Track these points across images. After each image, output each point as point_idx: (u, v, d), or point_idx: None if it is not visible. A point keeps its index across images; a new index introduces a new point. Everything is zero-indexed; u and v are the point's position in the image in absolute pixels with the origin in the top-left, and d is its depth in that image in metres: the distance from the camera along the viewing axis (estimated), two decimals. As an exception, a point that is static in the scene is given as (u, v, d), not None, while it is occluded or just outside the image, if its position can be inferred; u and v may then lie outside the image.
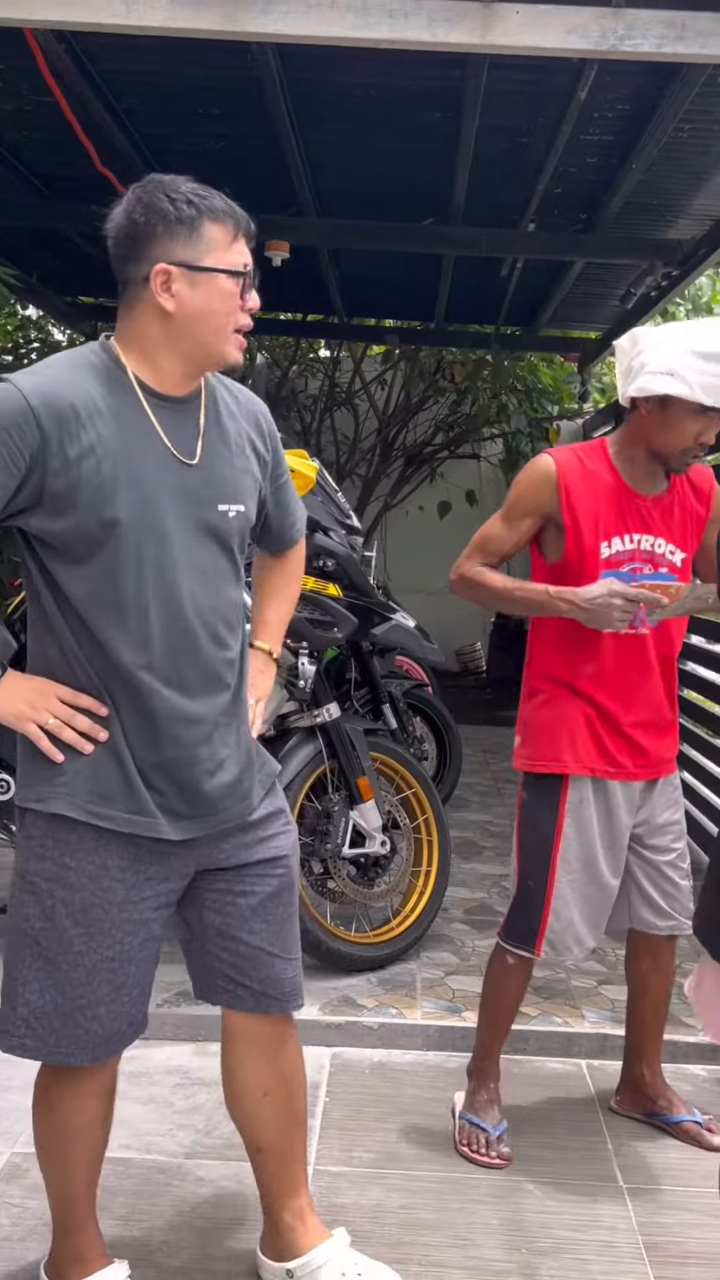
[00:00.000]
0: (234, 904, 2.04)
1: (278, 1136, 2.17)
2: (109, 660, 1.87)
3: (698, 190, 5.12)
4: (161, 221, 1.81)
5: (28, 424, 1.76)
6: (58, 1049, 1.93)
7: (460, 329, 8.61)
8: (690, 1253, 2.37)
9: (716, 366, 2.40)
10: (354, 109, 4.45)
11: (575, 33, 3.25)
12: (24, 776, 1.93)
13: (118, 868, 1.90)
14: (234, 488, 1.97)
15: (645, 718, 2.64)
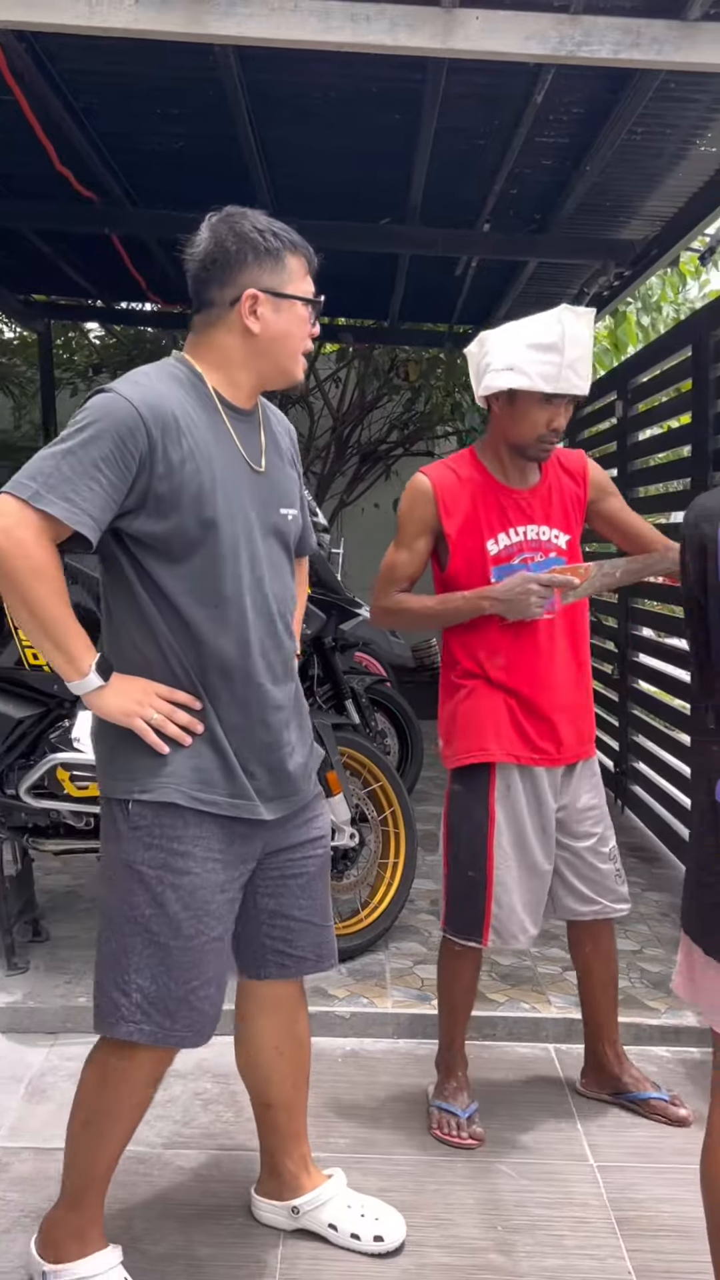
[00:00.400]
0: (285, 886, 2.19)
1: (289, 1091, 2.33)
2: (207, 653, 2.01)
3: (650, 192, 5.22)
4: (252, 251, 2.01)
5: (138, 430, 1.90)
6: (173, 1031, 2.03)
7: (414, 328, 8.67)
8: (662, 1225, 2.44)
9: (552, 355, 2.55)
10: (313, 110, 4.49)
11: (534, 38, 3.31)
12: (122, 771, 2.02)
13: (219, 850, 2.03)
14: (289, 494, 2.16)
15: (562, 701, 2.72)
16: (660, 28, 3.30)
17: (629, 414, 5.48)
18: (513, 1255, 2.34)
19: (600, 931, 2.89)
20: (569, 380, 2.59)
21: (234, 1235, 2.28)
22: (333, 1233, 2.35)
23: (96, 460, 1.89)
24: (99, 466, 1.89)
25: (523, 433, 2.66)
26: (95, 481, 1.89)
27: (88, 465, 1.88)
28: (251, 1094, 2.38)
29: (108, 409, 1.92)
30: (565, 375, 2.58)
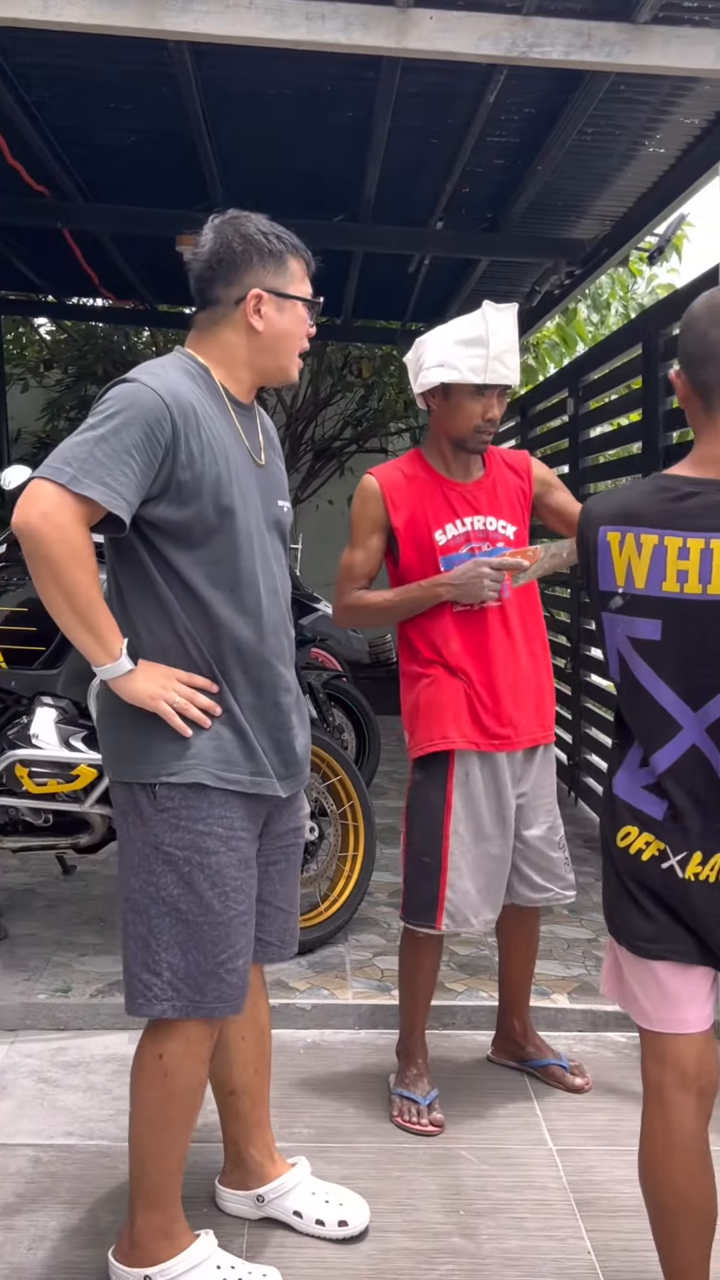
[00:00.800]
0: (266, 872, 2.24)
1: (251, 1077, 2.36)
2: (224, 635, 2.06)
3: (600, 192, 5.29)
4: (258, 252, 2.08)
5: (165, 419, 1.96)
6: (204, 1004, 2.06)
7: (368, 325, 8.71)
8: (620, 1206, 2.49)
9: (478, 349, 2.69)
10: (267, 106, 4.50)
11: (487, 39, 3.35)
12: (144, 755, 2.04)
13: (242, 828, 2.09)
14: (284, 487, 2.24)
15: (518, 684, 2.79)
16: (611, 30, 3.35)
17: (580, 411, 5.55)
18: (475, 1238, 2.38)
19: (528, 912, 2.97)
20: (496, 371, 2.72)
21: (199, 1226, 2.29)
22: (298, 1220, 2.37)
23: (129, 446, 1.93)
24: (131, 453, 1.93)
25: (459, 425, 2.77)
26: (128, 467, 1.93)
27: (120, 451, 1.92)
28: (214, 1082, 2.39)
29: (134, 397, 1.97)
30: (493, 366, 2.71)
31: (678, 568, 1.76)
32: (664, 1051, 1.90)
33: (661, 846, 1.85)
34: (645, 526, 1.80)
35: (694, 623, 1.77)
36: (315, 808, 3.76)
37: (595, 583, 1.88)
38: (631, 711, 1.89)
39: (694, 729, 1.80)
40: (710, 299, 1.83)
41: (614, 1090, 3.01)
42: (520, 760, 2.83)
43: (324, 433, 9.91)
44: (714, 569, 1.73)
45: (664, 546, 1.77)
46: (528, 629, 2.85)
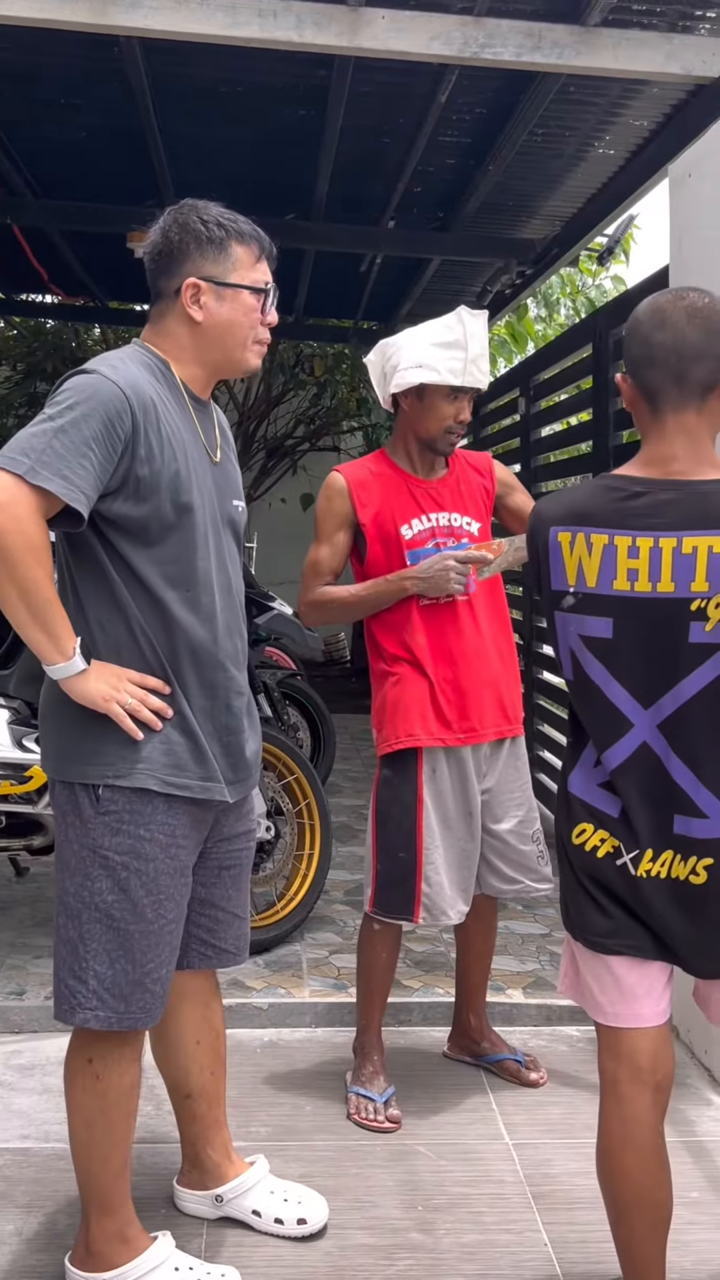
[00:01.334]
0: (219, 876, 2.22)
1: (208, 1080, 2.34)
2: (179, 635, 2.02)
3: (551, 192, 5.33)
4: (193, 240, 2.03)
5: (125, 412, 1.92)
6: (128, 1014, 2.03)
7: (320, 323, 8.71)
8: (576, 1199, 2.51)
9: (457, 352, 2.73)
10: (218, 103, 4.49)
11: (439, 39, 3.38)
12: (90, 755, 2.00)
13: (183, 835, 2.05)
14: (238, 485, 2.20)
15: (483, 676, 2.82)
16: (561, 32, 3.39)
17: (531, 410, 5.59)
18: (433, 1233, 2.39)
19: (484, 906, 3.00)
20: (473, 375, 2.76)
21: (157, 1227, 2.28)
22: (256, 1219, 2.37)
23: (88, 439, 1.89)
24: (90, 445, 1.89)
25: (430, 426, 2.80)
26: (87, 460, 1.88)
27: (79, 444, 1.88)
28: (170, 1086, 2.39)
29: (94, 390, 1.92)
30: (470, 370, 2.75)
31: (628, 566, 1.79)
32: (620, 1046, 1.92)
33: (616, 844, 1.86)
34: (595, 526, 1.82)
35: (644, 620, 1.80)
36: (271, 806, 3.76)
37: (547, 582, 1.89)
38: (584, 710, 1.91)
39: (645, 726, 1.82)
40: (653, 304, 1.86)
41: (569, 1084, 3.03)
42: (486, 754, 2.86)
43: (276, 431, 9.90)
44: (663, 567, 1.76)
45: (614, 546, 1.80)
46: (493, 623, 2.88)
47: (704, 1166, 2.64)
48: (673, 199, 3.20)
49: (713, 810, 1.80)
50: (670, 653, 1.79)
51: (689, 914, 1.84)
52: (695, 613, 1.76)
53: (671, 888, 1.84)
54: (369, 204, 5.64)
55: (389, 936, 2.88)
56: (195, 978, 2.30)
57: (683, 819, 1.81)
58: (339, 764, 6.08)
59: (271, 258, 2.14)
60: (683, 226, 3.13)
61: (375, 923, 2.87)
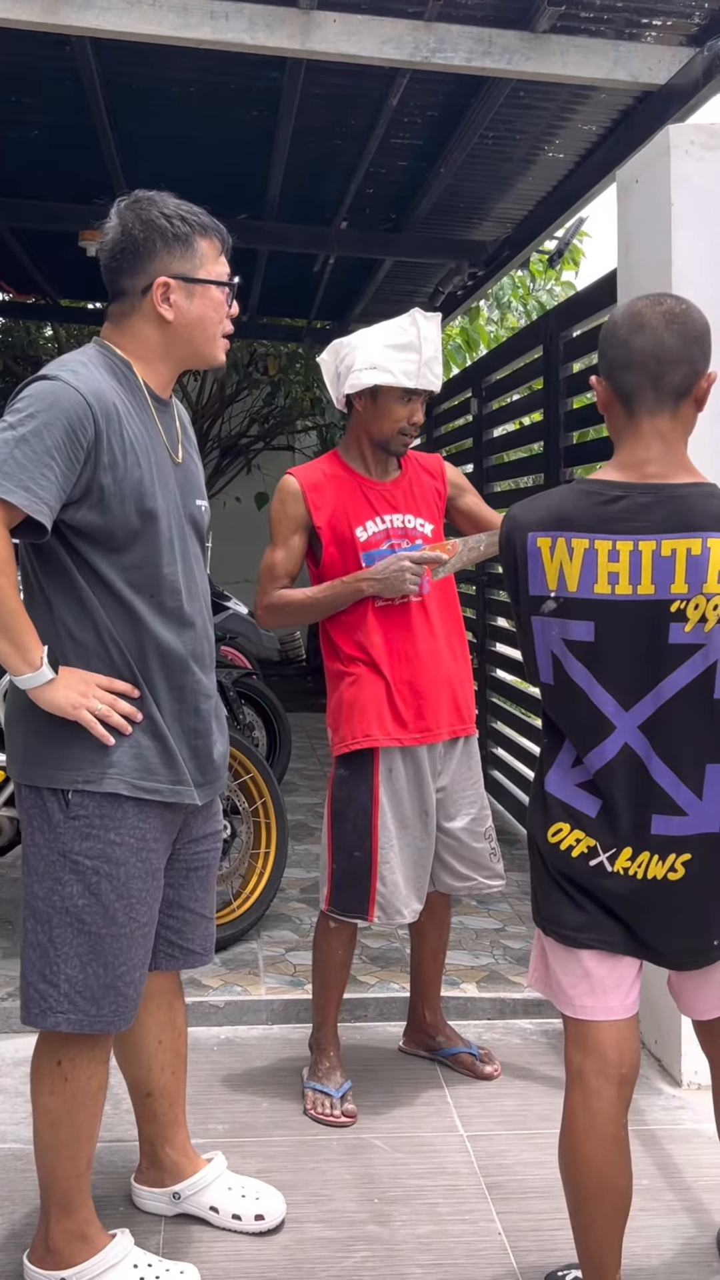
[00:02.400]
0: (187, 878, 2.23)
1: (169, 1079, 2.35)
2: (147, 640, 2.01)
3: (501, 195, 5.38)
4: (160, 237, 1.99)
5: (87, 420, 1.89)
6: (99, 1018, 2.02)
7: (273, 322, 8.71)
8: (529, 1188, 2.56)
9: (410, 354, 2.76)
10: (171, 104, 4.49)
11: (390, 43, 3.41)
12: (60, 760, 1.99)
13: (153, 838, 2.05)
14: (201, 485, 2.18)
15: (438, 675, 2.85)
16: (511, 38, 3.44)
17: (484, 411, 5.63)
18: (389, 1225, 2.42)
19: (438, 902, 3.04)
20: (426, 377, 2.80)
21: (116, 1225, 2.29)
22: (214, 1215, 2.38)
23: (50, 448, 1.87)
24: (53, 454, 1.87)
25: (384, 427, 2.83)
26: (50, 469, 1.86)
27: (41, 453, 1.86)
28: (131, 1085, 2.40)
29: (55, 397, 1.90)
30: (423, 372, 2.78)
31: (609, 570, 1.82)
32: (587, 1039, 1.95)
33: (592, 843, 1.89)
34: (575, 531, 1.85)
35: (625, 623, 1.83)
36: (227, 805, 3.77)
37: (525, 587, 1.91)
38: (565, 712, 1.93)
39: (627, 728, 1.85)
40: (631, 308, 1.89)
41: (522, 1076, 3.08)
42: (440, 753, 2.89)
43: (230, 429, 9.89)
44: (643, 570, 1.80)
45: (594, 550, 1.83)
46: (447, 623, 2.91)
47: (654, 1155, 2.69)
48: (620, 204, 3.26)
49: (692, 808, 1.84)
50: (651, 654, 1.82)
51: (665, 909, 1.88)
52: (675, 614, 1.79)
53: (648, 886, 1.87)
54: (322, 204, 5.66)
55: (344, 934, 2.91)
56: (160, 978, 2.31)
57: (662, 818, 1.85)
58: (295, 762, 6.10)
59: (229, 249, 2.12)
60: (630, 231, 3.18)
61: (331, 921, 2.89)
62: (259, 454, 10.02)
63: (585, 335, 4.26)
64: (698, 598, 1.78)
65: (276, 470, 9.80)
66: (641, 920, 1.90)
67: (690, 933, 1.90)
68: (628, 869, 1.87)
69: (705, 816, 1.84)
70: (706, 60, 3.33)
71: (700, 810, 1.84)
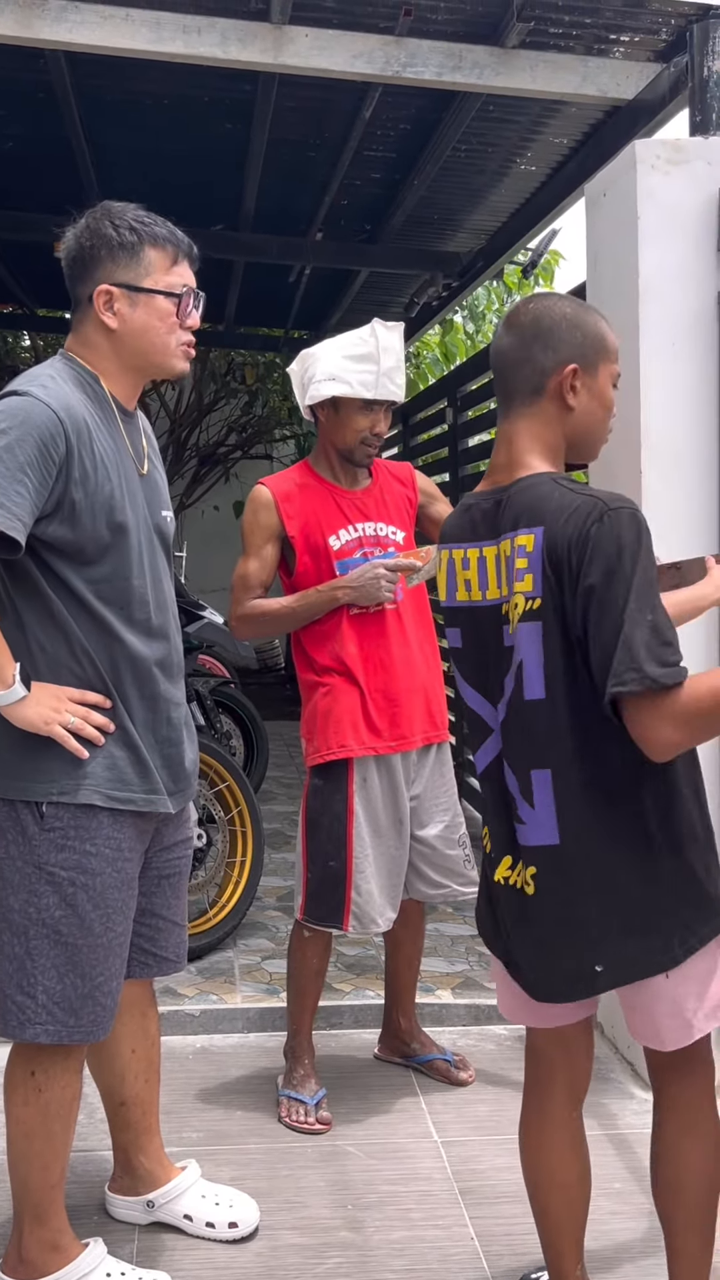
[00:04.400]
0: (159, 885, 2.24)
1: (142, 1088, 2.36)
2: (119, 651, 2.02)
3: (475, 207, 5.42)
4: (105, 246, 1.99)
5: (59, 435, 1.89)
6: (78, 1028, 2.03)
7: (251, 331, 8.72)
8: (502, 1193, 2.57)
9: (369, 365, 2.78)
10: (145, 116, 4.50)
11: (361, 58, 3.43)
12: (33, 772, 1.99)
13: (129, 848, 2.06)
14: (166, 496, 2.19)
15: (411, 684, 2.88)
16: (481, 53, 3.47)
17: (459, 421, 5.67)
18: (363, 1231, 2.44)
19: (412, 909, 3.05)
20: (385, 387, 2.81)
21: (89, 1234, 2.30)
22: (188, 1223, 2.39)
23: (22, 465, 1.87)
24: (25, 471, 1.86)
25: (346, 437, 2.85)
26: (23, 486, 1.86)
27: (14, 470, 1.86)
28: (104, 1093, 2.40)
29: (26, 413, 1.90)
30: (382, 383, 2.80)
31: (463, 577, 1.88)
32: (530, 1038, 2.00)
33: (489, 848, 1.92)
34: (446, 542, 1.94)
35: (477, 628, 1.87)
36: (203, 814, 3.78)
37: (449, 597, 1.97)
38: None
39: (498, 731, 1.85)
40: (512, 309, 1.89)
41: (496, 1082, 3.10)
42: (414, 760, 2.91)
43: (208, 438, 9.90)
44: (488, 574, 1.83)
45: (453, 559, 1.90)
46: (419, 630, 2.93)
47: (625, 1158, 2.72)
48: (589, 217, 3.29)
49: (528, 816, 1.78)
50: (496, 657, 1.83)
51: (522, 926, 1.83)
52: (504, 616, 1.79)
53: (510, 895, 1.84)
54: (297, 216, 5.68)
55: (319, 943, 2.92)
56: (133, 987, 2.31)
57: (518, 826, 1.80)
58: (272, 771, 6.10)
59: (193, 259, 2.11)
60: (598, 243, 3.22)
61: (305, 930, 2.91)
62: (237, 463, 10.03)
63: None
64: (515, 597, 1.74)
65: (254, 479, 9.72)
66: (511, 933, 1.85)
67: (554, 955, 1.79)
68: (507, 878, 1.84)
69: (540, 827, 1.75)
70: (673, 76, 3.37)
71: (534, 819, 1.76)
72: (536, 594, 1.69)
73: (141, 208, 2.09)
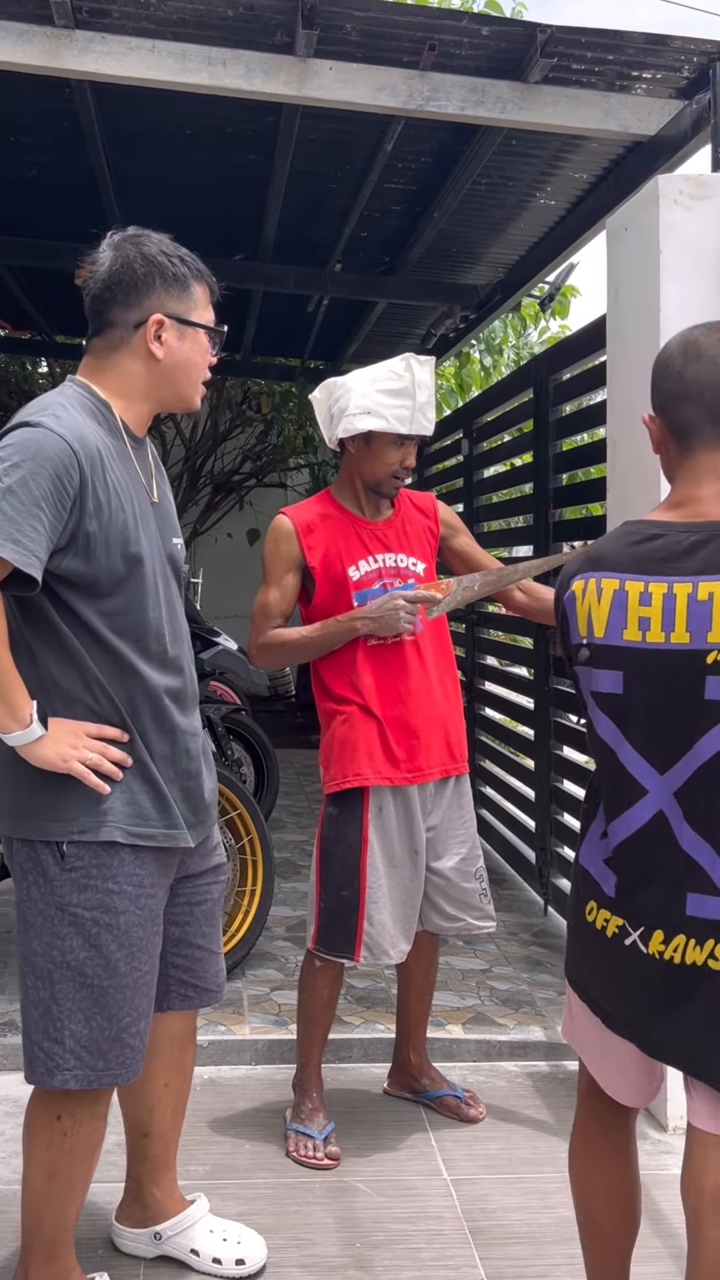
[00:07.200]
0: (191, 914, 2.20)
1: (169, 1122, 2.34)
2: (135, 685, 1.99)
3: (494, 240, 5.44)
4: (160, 275, 1.99)
5: (73, 468, 1.86)
6: (106, 1071, 2.00)
7: (267, 361, 8.77)
8: (513, 1234, 2.53)
9: (404, 400, 2.78)
10: (168, 146, 4.54)
11: (385, 91, 3.46)
12: (51, 811, 1.96)
13: (151, 884, 2.02)
14: (176, 522, 2.17)
15: (430, 715, 2.86)
16: (504, 88, 3.49)
17: (474, 452, 5.68)
18: (371, 1270, 2.39)
19: (425, 942, 3.02)
20: (420, 423, 2.81)
21: (95, 1268, 2.27)
22: (194, 1258, 2.35)
23: (37, 499, 1.84)
24: (40, 505, 1.84)
25: (377, 470, 2.84)
26: (38, 520, 1.83)
27: (29, 504, 1.83)
28: (129, 1124, 2.37)
29: (39, 446, 1.87)
30: (417, 418, 2.80)
31: (639, 614, 1.64)
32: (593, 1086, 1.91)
33: (620, 922, 1.71)
34: (607, 571, 1.70)
35: (657, 674, 1.63)
36: (213, 842, 3.75)
37: (567, 637, 1.77)
38: (598, 771, 1.77)
39: (660, 794, 1.65)
40: (686, 337, 1.76)
41: (507, 1119, 3.05)
42: (431, 792, 2.88)
43: (223, 466, 9.94)
44: (677, 615, 1.61)
45: (625, 591, 1.66)
46: (439, 662, 2.91)
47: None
48: (610, 251, 3.30)
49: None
50: (686, 711, 1.61)
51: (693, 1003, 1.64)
52: (711, 665, 1.58)
53: (684, 972, 1.64)
54: (316, 247, 5.72)
55: (330, 974, 2.89)
56: (174, 1021, 2.29)
57: (697, 897, 1.62)
58: (283, 799, 6.08)
59: (218, 299, 2.13)
60: (619, 279, 3.23)
61: (317, 960, 2.88)
62: (251, 490, 10.06)
63: (574, 379, 4.31)
64: None
65: (268, 506, 9.85)
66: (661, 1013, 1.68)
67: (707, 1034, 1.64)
68: (662, 953, 1.65)
69: None
70: (695, 113, 3.39)
71: None
72: None
73: (170, 237, 2.09)
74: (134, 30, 3.30)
